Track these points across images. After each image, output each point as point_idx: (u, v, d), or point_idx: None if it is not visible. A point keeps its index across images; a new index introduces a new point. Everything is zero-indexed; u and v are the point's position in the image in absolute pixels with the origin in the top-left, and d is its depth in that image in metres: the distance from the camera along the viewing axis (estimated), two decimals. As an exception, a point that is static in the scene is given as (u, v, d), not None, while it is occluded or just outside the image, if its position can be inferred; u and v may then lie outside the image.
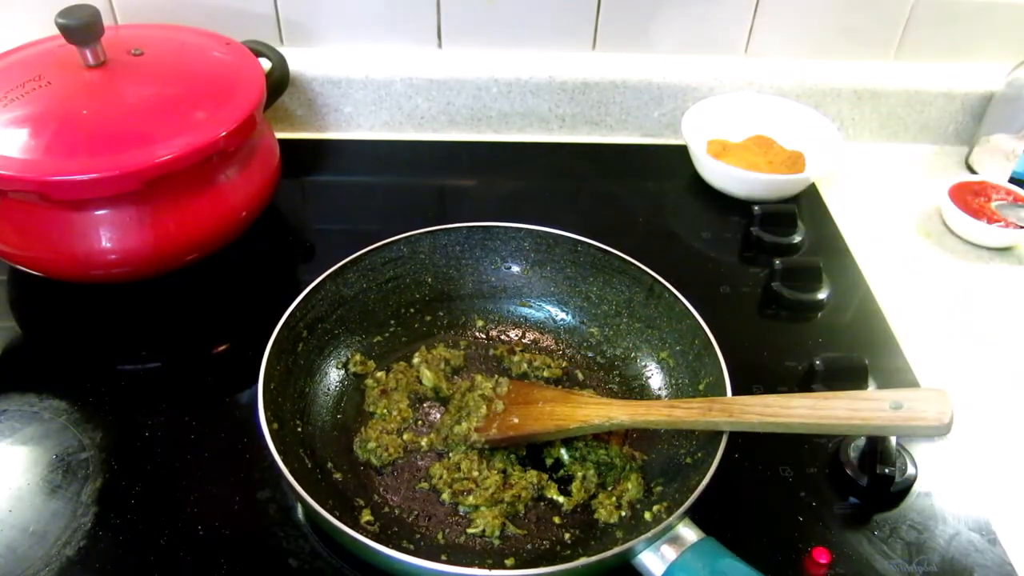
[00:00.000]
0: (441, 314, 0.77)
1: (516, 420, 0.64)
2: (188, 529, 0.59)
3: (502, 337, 0.76)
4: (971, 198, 0.90)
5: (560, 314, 0.77)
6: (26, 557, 0.57)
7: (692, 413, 0.59)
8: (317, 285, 0.69)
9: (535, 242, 0.76)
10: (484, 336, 0.76)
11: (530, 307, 0.77)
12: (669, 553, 0.53)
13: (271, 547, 0.59)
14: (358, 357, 0.72)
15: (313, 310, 0.69)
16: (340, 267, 0.71)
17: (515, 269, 0.78)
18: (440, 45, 1.02)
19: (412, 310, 0.76)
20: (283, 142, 0.88)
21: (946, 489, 0.64)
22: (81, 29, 0.72)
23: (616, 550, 0.51)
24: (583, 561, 0.51)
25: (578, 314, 0.76)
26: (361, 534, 0.52)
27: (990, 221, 0.87)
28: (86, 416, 0.68)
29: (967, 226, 0.89)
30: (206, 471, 0.64)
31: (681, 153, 0.99)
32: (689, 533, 0.54)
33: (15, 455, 0.64)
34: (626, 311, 0.74)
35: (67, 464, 0.64)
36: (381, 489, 0.63)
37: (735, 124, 1.00)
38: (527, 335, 0.76)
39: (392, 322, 0.75)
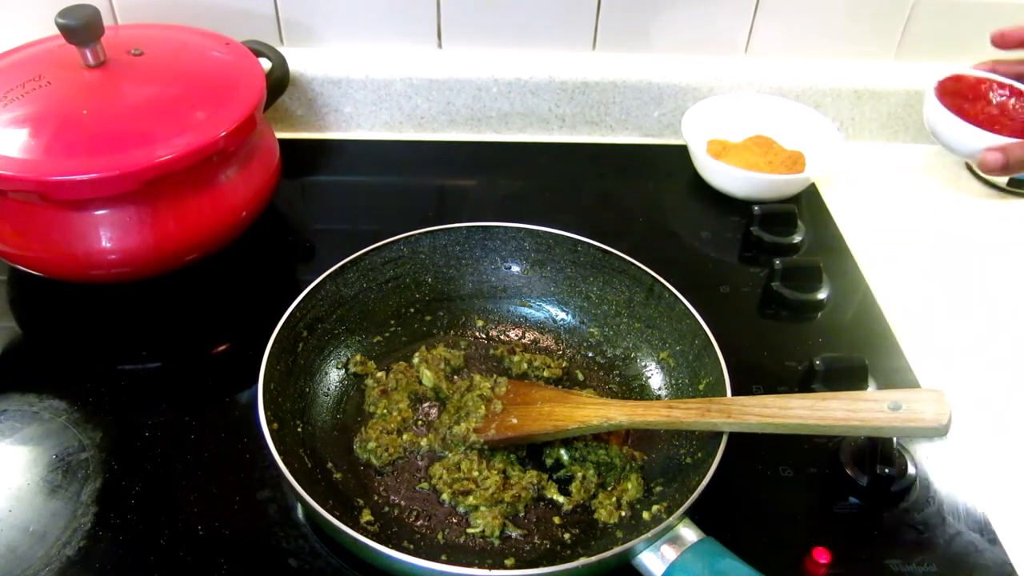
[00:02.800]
0: (441, 314, 0.77)
1: (515, 420, 0.64)
2: (188, 529, 0.59)
3: (502, 337, 0.76)
4: (967, 105, 0.74)
5: (560, 314, 0.77)
6: (26, 557, 0.57)
7: (690, 414, 0.59)
8: (317, 285, 0.69)
9: (535, 242, 0.76)
10: (484, 336, 0.76)
11: (530, 307, 0.77)
12: (669, 553, 0.53)
13: (271, 547, 0.59)
14: (358, 357, 0.72)
15: (313, 310, 0.69)
16: (340, 267, 0.71)
17: (515, 269, 0.78)
18: (440, 45, 1.02)
19: (412, 310, 0.76)
20: (283, 142, 0.88)
21: (946, 489, 0.64)
22: (81, 29, 0.72)
23: (616, 550, 0.51)
24: (583, 561, 0.51)
25: (578, 314, 0.76)
26: (361, 534, 0.52)
27: (988, 126, 0.71)
28: (86, 416, 0.68)
29: (959, 133, 0.72)
30: (206, 471, 0.64)
31: (681, 153, 0.99)
32: (689, 533, 0.54)
33: (15, 455, 0.64)
34: (626, 311, 0.74)
35: (67, 464, 0.64)
36: (381, 489, 0.63)
37: (735, 124, 1.00)
38: (527, 335, 0.76)
39: (392, 322, 0.75)
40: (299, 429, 0.64)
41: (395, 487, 0.63)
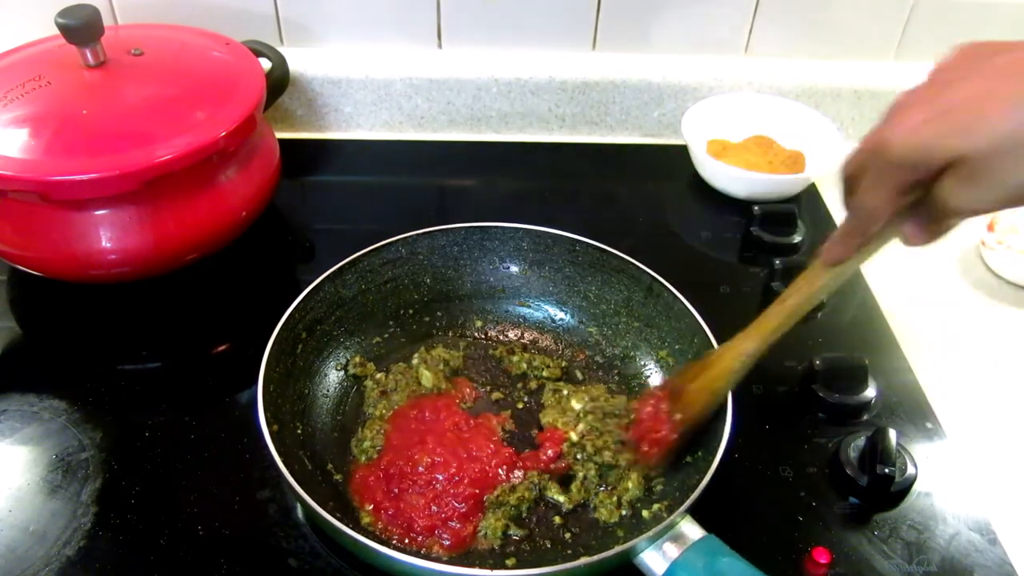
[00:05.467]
0: (440, 315, 0.77)
1: (678, 416, 0.61)
2: (188, 529, 0.59)
3: (501, 337, 0.76)
4: None
5: (559, 314, 0.77)
6: (26, 557, 0.57)
7: (801, 292, 0.57)
8: (316, 287, 0.69)
9: (533, 242, 0.76)
10: (483, 336, 0.76)
11: (529, 307, 0.77)
12: (671, 551, 0.53)
13: (271, 547, 0.59)
14: (357, 359, 0.72)
15: (312, 311, 0.69)
16: (338, 268, 0.71)
17: (513, 269, 0.78)
18: (440, 45, 1.02)
19: (411, 311, 0.76)
20: (283, 142, 0.88)
21: (946, 489, 0.64)
22: (81, 29, 0.72)
23: (618, 549, 0.51)
24: (584, 560, 0.51)
25: (577, 313, 0.76)
26: (362, 535, 0.52)
27: None
28: (86, 416, 0.68)
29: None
30: (206, 471, 0.64)
31: (681, 153, 0.99)
32: (691, 530, 0.54)
33: (15, 455, 0.64)
34: (625, 310, 0.74)
35: (67, 464, 0.64)
36: (381, 489, 0.63)
37: (735, 124, 1.00)
38: (526, 335, 0.76)
39: (391, 323, 0.75)
40: (299, 431, 0.64)
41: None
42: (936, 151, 0.40)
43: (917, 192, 0.44)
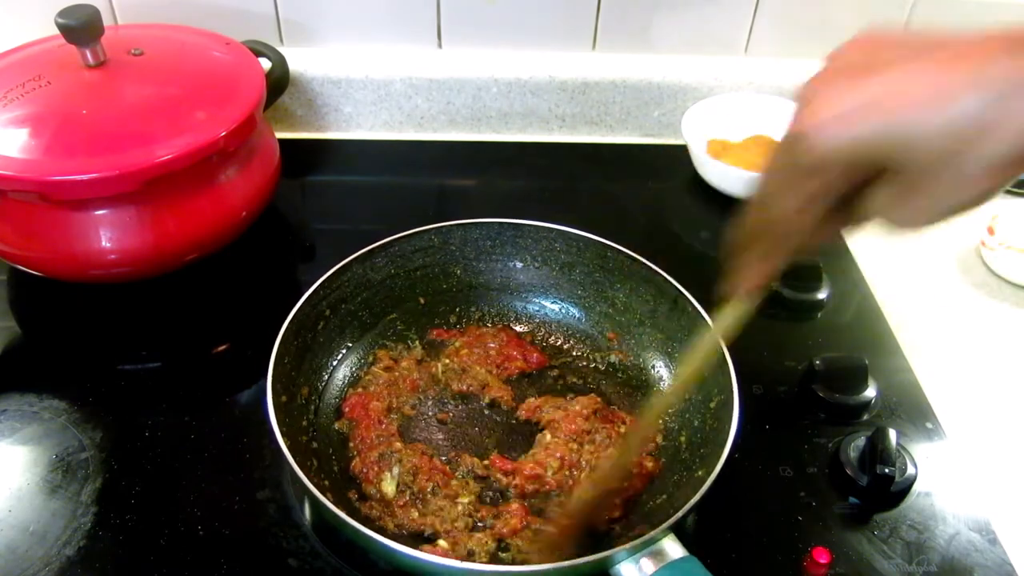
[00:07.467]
0: (466, 306, 0.77)
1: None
2: (188, 529, 0.59)
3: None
4: None
5: (583, 318, 0.76)
6: (26, 557, 0.57)
7: (705, 343, 0.55)
8: (344, 266, 0.69)
9: (566, 244, 0.75)
10: (508, 333, 0.76)
11: (555, 308, 0.77)
12: (647, 567, 0.51)
13: (271, 547, 0.59)
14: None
15: (338, 290, 0.69)
16: (369, 250, 0.71)
17: (544, 269, 0.77)
18: (440, 45, 1.02)
19: (437, 299, 0.77)
20: (283, 142, 0.88)
21: (946, 489, 0.64)
22: (81, 29, 0.72)
23: (594, 556, 0.50)
24: (561, 564, 0.50)
25: (601, 320, 0.75)
26: (359, 523, 0.52)
27: None
28: (86, 416, 0.68)
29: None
30: (206, 471, 0.64)
31: (681, 153, 0.99)
32: (672, 549, 0.52)
33: (15, 455, 0.64)
34: (649, 321, 0.73)
35: (67, 464, 0.64)
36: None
37: (735, 124, 1.00)
38: (550, 337, 0.76)
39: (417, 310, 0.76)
40: (312, 407, 0.65)
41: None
42: (872, 149, 0.31)
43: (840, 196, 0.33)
